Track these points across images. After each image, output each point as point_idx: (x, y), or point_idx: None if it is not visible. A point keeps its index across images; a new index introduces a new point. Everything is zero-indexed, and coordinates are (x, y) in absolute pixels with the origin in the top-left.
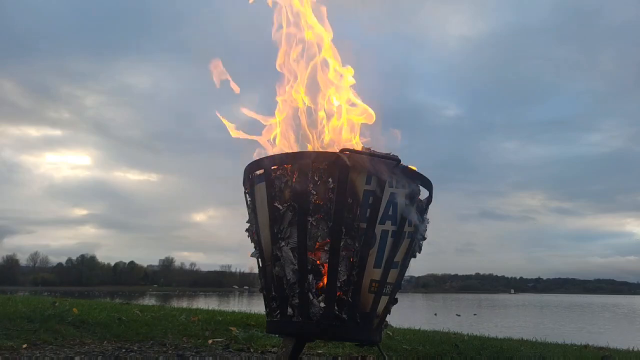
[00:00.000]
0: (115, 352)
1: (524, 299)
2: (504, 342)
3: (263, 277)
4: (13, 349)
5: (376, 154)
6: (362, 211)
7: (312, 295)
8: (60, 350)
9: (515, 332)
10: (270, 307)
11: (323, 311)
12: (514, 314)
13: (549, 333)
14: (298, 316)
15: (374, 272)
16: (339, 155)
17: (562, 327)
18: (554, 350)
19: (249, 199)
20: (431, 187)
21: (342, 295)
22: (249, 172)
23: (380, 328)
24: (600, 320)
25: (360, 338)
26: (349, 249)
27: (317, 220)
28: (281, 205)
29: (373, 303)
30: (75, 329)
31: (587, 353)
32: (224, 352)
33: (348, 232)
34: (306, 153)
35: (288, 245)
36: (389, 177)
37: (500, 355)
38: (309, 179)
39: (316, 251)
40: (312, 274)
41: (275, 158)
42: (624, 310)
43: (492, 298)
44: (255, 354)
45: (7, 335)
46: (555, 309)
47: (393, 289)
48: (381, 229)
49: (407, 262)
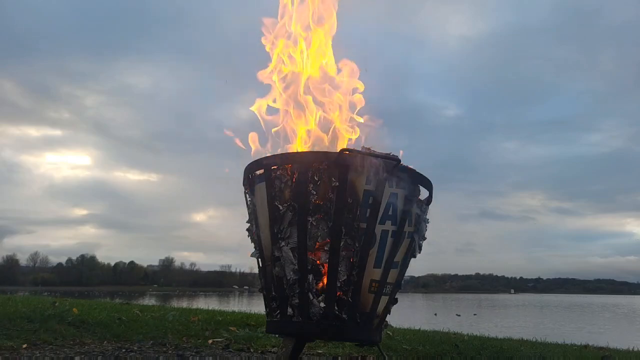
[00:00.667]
0: (115, 352)
1: (524, 299)
2: (504, 342)
3: (263, 277)
4: (13, 349)
5: (376, 154)
6: (362, 211)
7: (312, 295)
8: (60, 350)
9: (515, 332)
10: (270, 307)
11: (323, 311)
12: (514, 314)
13: (549, 333)
14: (298, 316)
15: (374, 272)
16: (339, 155)
17: (562, 327)
18: (554, 350)
19: (249, 199)
20: (431, 187)
21: (342, 295)
22: (249, 172)
23: (380, 328)
24: (600, 320)
25: (360, 338)
26: (349, 249)
27: (317, 220)
28: (281, 205)
29: (373, 303)
30: (75, 329)
31: (587, 353)
32: (224, 352)
33: (348, 232)
34: (306, 153)
35: (288, 245)
36: (388, 177)
37: (500, 355)
38: (309, 179)
39: (316, 251)
40: (312, 274)
41: (275, 158)
42: (624, 310)
43: (492, 298)
44: (255, 354)
45: (7, 335)
46: (555, 309)
47: (393, 289)
48: (381, 229)
49: (407, 262)
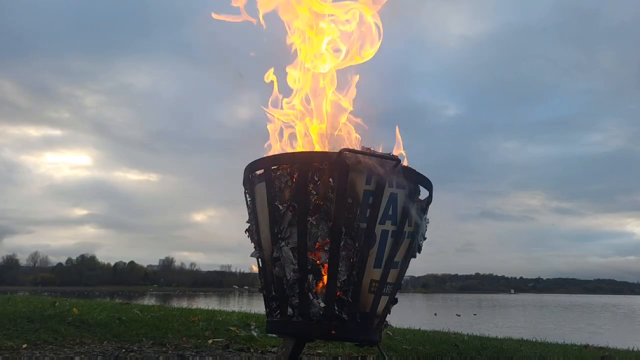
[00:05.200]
0: (115, 352)
1: (524, 299)
2: (504, 342)
3: (263, 277)
4: (13, 349)
5: (376, 154)
6: (362, 211)
7: (312, 295)
8: (60, 350)
9: (515, 332)
10: (270, 307)
11: (323, 311)
12: (514, 314)
13: (549, 333)
14: (298, 316)
15: (374, 272)
16: (339, 155)
17: (562, 327)
18: (554, 350)
19: (249, 199)
20: (431, 187)
21: (342, 295)
22: (249, 172)
23: (380, 328)
24: (600, 320)
25: (360, 338)
26: (349, 249)
27: (317, 220)
28: (281, 205)
29: (373, 303)
30: (75, 329)
31: (587, 353)
32: (224, 352)
33: (348, 232)
34: (306, 153)
35: (288, 245)
36: (388, 176)
37: (500, 355)
38: (309, 179)
39: (316, 251)
40: (312, 274)
41: (275, 158)
42: (624, 310)
43: (492, 298)
44: (255, 354)
45: (7, 335)
46: (555, 309)
47: (393, 289)
48: (381, 229)
49: (407, 262)
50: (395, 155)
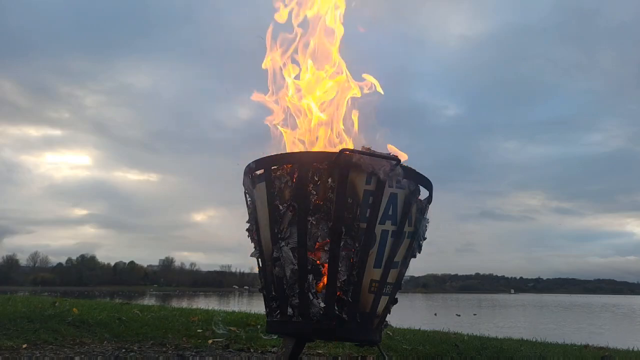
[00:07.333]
0: (115, 352)
1: (524, 299)
2: (504, 342)
3: (263, 277)
4: (13, 349)
5: (376, 154)
6: (362, 211)
7: (312, 295)
8: (60, 350)
9: (515, 332)
10: (270, 307)
11: (323, 311)
12: (514, 314)
13: (549, 333)
14: (298, 316)
15: (374, 272)
16: (339, 155)
17: (562, 327)
18: (554, 350)
19: (249, 199)
20: (431, 187)
21: (342, 295)
22: (249, 172)
23: (380, 328)
24: (600, 320)
25: (360, 338)
26: (349, 249)
27: (317, 220)
28: (281, 205)
29: (373, 303)
30: (75, 329)
31: (587, 353)
32: (224, 352)
33: (348, 232)
34: (306, 153)
35: (288, 245)
36: (388, 176)
37: (500, 355)
38: (309, 179)
39: (316, 251)
40: (312, 274)
41: (275, 158)
42: (624, 310)
43: (492, 298)
44: (255, 354)
45: (7, 335)
46: (555, 309)
47: (393, 289)
48: (381, 229)
49: (407, 262)
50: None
